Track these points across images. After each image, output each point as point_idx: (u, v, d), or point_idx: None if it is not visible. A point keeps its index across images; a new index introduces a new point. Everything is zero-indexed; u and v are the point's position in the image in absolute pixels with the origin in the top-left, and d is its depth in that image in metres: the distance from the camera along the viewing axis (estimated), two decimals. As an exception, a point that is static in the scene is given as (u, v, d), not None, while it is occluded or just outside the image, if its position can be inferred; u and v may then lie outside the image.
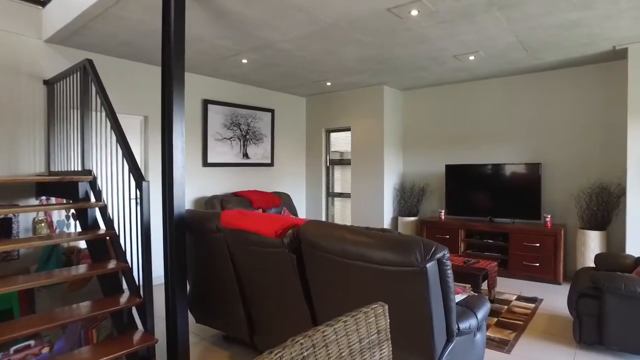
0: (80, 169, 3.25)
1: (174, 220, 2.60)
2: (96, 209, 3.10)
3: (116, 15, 3.23)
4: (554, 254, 4.60)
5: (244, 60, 4.57)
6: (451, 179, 5.64)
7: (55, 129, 3.76)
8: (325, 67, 4.89)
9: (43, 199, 3.69)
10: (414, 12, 3.20)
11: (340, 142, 6.69)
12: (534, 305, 3.90)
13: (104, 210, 3.02)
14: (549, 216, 4.79)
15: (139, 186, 2.63)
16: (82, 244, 3.47)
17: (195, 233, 2.89)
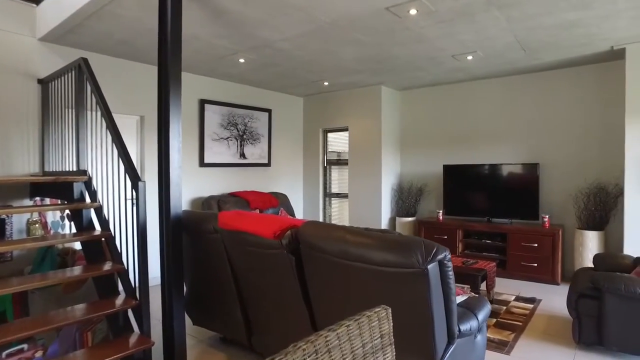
0: (75, 169, 3.21)
1: (170, 221, 2.57)
2: (91, 210, 3.06)
3: (112, 13, 3.19)
4: (552, 254, 4.60)
5: (242, 60, 4.53)
6: (449, 179, 5.62)
7: (50, 128, 3.71)
8: (323, 67, 4.87)
9: (37, 199, 3.64)
10: (413, 12, 3.18)
11: (338, 142, 6.66)
12: (532, 305, 3.89)
13: (99, 211, 2.98)
14: (547, 216, 4.78)
15: (134, 186, 2.60)
16: (77, 245, 3.42)
17: (192, 234, 2.86)
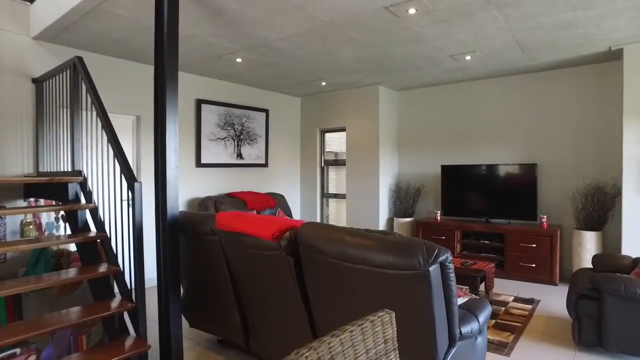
0: (70, 170, 3.17)
1: (167, 222, 2.53)
2: (86, 211, 3.02)
3: (107, 11, 3.15)
4: (551, 254, 4.59)
5: (239, 60, 4.50)
6: (447, 179, 5.61)
7: (44, 128, 3.66)
8: (321, 67, 4.84)
9: (31, 200, 3.59)
10: (412, 11, 3.16)
11: (335, 142, 6.64)
12: (531, 306, 3.88)
13: (94, 212, 2.94)
14: (545, 217, 4.78)
15: (130, 187, 2.56)
16: (72, 246, 3.38)
17: (189, 235, 2.82)
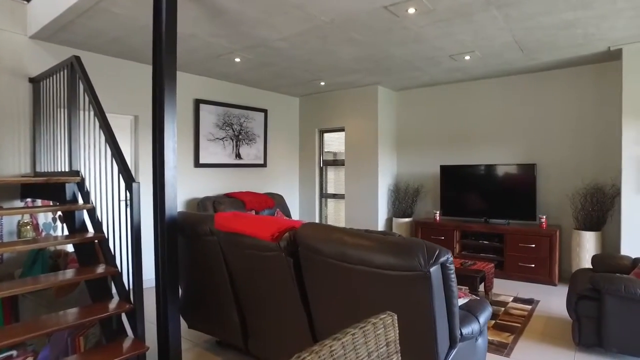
0: (67, 170, 3.15)
1: (165, 222, 2.51)
2: (84, 212, 2.99)
3: (105, 10, 3.13)
4: (550, 255, 4.59)
5: (237, 59, 4.48)
6: (446, 179, 5.60)
7: (42, 128, 3.63)
8: (319, 67, 4.83)
9: (28, 200, 3.57)
10: (411, 10, 3.15)
11: (334, 142, 6.62)
12: (530, 306, 3.87)
13: (92, 212, 2.92)
14: (544, 217, 4.77)
15: (128, 187, 2.54)
16: (69, 247, 3.35)
17: (188, 236, 2.80)
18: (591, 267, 3.50)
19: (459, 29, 3.56)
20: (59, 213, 3.59)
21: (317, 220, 6.70)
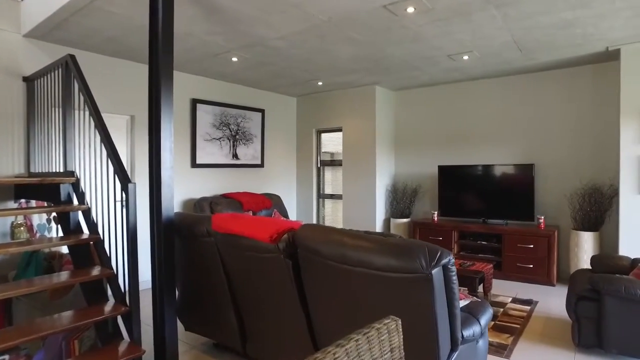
0: (62, 170, 3.10)
1: (162, 223, 2.48)
2: (79, 212, 2.95)
3: (101, 9, 3.08)
4: (548, 255, 4.58)
5: (234, 59, 4.44)
6: (444, 179, 5.59)
7: (36, 128, 3.58)
8: (317, 66, 4.80)
9: (22, 201, 3.52)
10: (410, 10, 3.13)
11: (331, 142, 6.60)
12: (529, 307, 3.86)
13: (87, 213, 2.88)
14: (542, 217, 4.77)
15: (124, 188, 2.51)
16: (64, 249, 3.31)
17: (185, 237, 2.77)
18: (590, 267, 3.49)
19: (457, 28, 3.54)
20: (54, 214, 3.54)
21: (314, 221, 6.68)
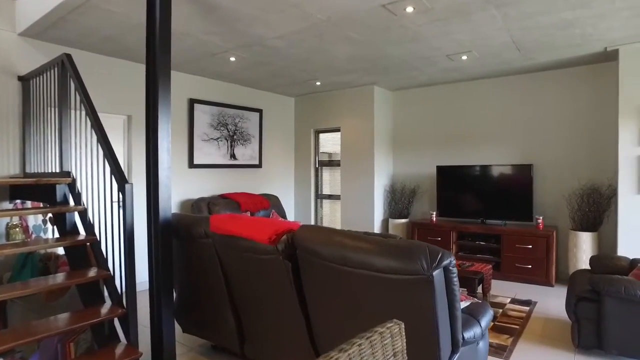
0: (58, 171, 3.07)
1: (159, 224, 2.45)
2: (75, 213, 2.92)
3: (97, 7, 3.05)
4: (547, 255, 4.58)
5: (232, 58, 4.42)
6: (442, 180, 5.58)
7: (31, 127, 3.55)
8: (315, 66, 4.78)
9: (18, 202, 3.48)
10: (410, 9, 3.11)
11: (329, 143, 6.58)
12: (528, 308, 3.85)
13: (83, 214, 2.84)
14: (540, 218, 4.76)
15: (121, 189, 2.48)
16: (60, 250, 3.27)
17: (182, 238, 2.74)
18: (589, 268, 3.49)
19: (456, 28, 3.53)
20: (50, 215, 3.51)
21: (312, 222, 6.65)
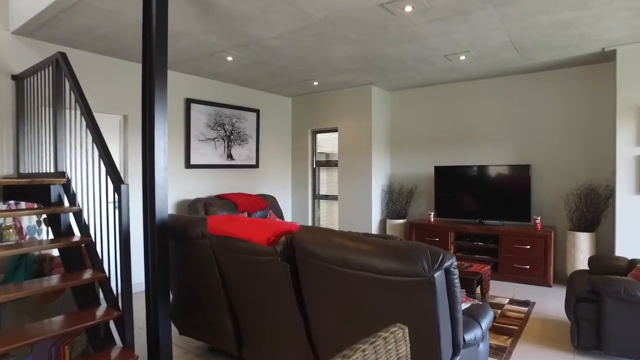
0: (52, 171, 3.02)
1: (155, 225, 2.42)
2: (70, 214, 2.88)
3: (92, 5, 3.01)
4: (545, 256, 4.57)
5: (229, 58, 4.38)
6: (440, 180, 5.57)
7: (25, 127, 3.50)
8: (313, 66, 4.75)
9: (11, 203, 3.43)
10: (408, 9, 3.10)
11: (327, 143, 6.55)
12: (527, 308, 3.84)
13: (78, 215, 2.80)
14: (538, 218, 4.76)
15: (117, 189, 2.44)
16: (54, 252, 3.22)
17: (179, 239, 2.71)
18: (587, 268, 3.48)
19: (455, 28, 3.51)
20: (44, 216, 3.46)
21: (309, 222, 6.63)
